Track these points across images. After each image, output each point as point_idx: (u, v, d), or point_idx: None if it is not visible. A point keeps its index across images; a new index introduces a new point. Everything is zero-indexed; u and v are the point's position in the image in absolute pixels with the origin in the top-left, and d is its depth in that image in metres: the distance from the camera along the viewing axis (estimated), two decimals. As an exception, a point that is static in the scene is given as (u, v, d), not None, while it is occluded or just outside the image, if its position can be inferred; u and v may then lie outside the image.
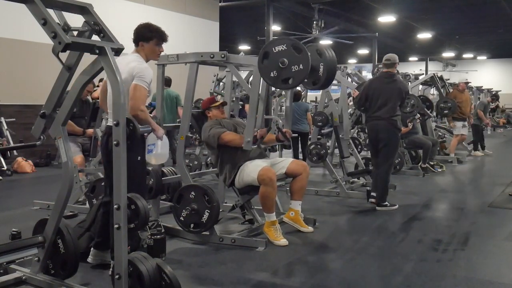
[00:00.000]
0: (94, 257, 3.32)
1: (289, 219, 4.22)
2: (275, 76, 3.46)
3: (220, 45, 13.49)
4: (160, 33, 3.31)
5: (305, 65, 3.38)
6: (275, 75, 3.46)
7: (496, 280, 3.21)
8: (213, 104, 4.35)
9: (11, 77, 8.61)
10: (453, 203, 5.78)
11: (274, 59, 3.46)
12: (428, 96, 10.53)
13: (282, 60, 3.41)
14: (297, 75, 3.40)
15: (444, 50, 25.15)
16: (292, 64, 3.40)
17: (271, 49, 3.47)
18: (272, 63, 3.47)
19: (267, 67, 3.50)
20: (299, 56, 3.40)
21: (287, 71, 3.42)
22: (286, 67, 3.41)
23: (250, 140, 3.85)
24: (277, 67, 3.43)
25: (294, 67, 3.40)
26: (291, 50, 3.42)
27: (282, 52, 3.43)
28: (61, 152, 2.71)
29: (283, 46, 3.44)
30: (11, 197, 6.16)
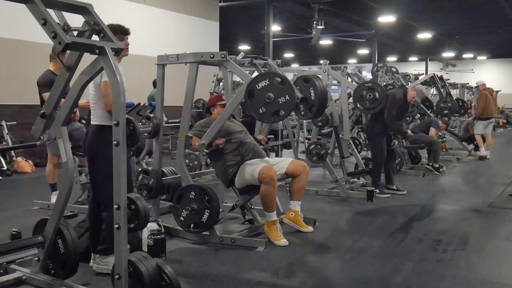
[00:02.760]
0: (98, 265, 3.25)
1: (289, 220, 4.23)
2: (264, 111, 3.51)
3: (220, 45, 13.49)
4: (120, 28, 3.34)
5: (290, 95, 3.43)
6: (264, 110, 3.51)
7: (496, 280, 3.21)
8: (219, 102, 4.38)
9: (11, 77, 8.61)
10: (453, 203, 5.78)
11: (259, 96, 3.51)
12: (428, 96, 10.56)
13: (268, 96, 3.46)
14: (285, 106, 3.45)
15: (444, 50, 25.16)
16: (278, 97, 3.44)
17: (254, 87, 3.53)
18: (258, 100, 3.52)
19: (255, 104, 3.54)
20: (283, 88, 3.45)
21: (275, 104, 3.47)
22: (273, 101, 3.46)
23: (204, 143, 3.96)
24: (264, 102, 3.48)
25: (281, 99, 3.44)
26: (274, 84, 3.47)
27: (266, 87, 3.48)
28: (61, 152, 2.71)
29: (266, 81, 3.49)
30: (11, 197, 6.16)
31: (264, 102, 3.48)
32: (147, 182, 4.18)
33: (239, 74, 3.97)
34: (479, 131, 9.96)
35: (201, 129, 4.20)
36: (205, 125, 4.18)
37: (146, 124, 4.36)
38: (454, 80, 16.25)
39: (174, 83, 8.74)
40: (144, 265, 2.47)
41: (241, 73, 3.92)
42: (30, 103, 8.58)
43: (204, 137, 3.96)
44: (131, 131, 3.10)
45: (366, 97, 5.82)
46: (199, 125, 4.31)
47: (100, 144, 3.17)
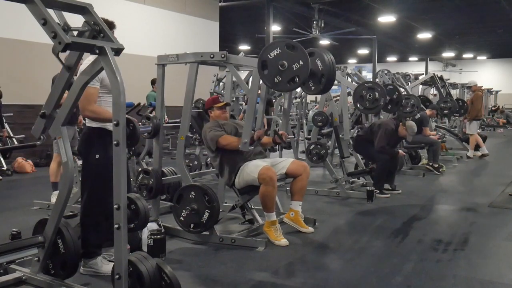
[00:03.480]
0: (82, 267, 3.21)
1: (289, 220, 4.23)
2: (279, 80, 3.46)
3: (220, 45, 13.50)
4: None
5: (304, 60, 3.38)
6: (279, 79, 3.46)
7: (496, 280, 3.21)
8: (216, 104, 4.35)
9: (11, 77, 8.61)
10: (453, 203, 5.78)
11: (273, 65, 3.47)
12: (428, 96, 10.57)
13: (282, 63, 3.42)
14: (301, 72, 3.40)
15: (444, 50, 25.17)
16: (292, 63, 3.40)
17: (267, 56, 3.49)
18: (272, 69, 3.48)
19: (269, 74, 3.51)
20: (296, 54, 3.41)
21: (289, 71, 3.42)
22: (287, 68, 3.41)
23: (247, 142, 3.85)
24: (279, 71, 3.44)
25: (295, 66, 3.40)
26: (286, 51, 3.43)
27: (279, 56, 3.45)
28: (61, 152, 2.71)
29: (277, 49, 3.45)
30: (11, 197, 6.16)
31: (278, 70, 3.43)
32: (147, 182, 4.18)
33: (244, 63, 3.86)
34: (475, 131, 9.93)
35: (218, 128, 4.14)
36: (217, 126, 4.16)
37: (146, 124, 4.36)
38: (454, 80, 16.27)
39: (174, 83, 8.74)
40: (144, 265, 2.47)
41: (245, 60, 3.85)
42: (30, 103, 8.60)
43: (244, 136, 3.88)
44: (131, 131, 3.10)
45: (366, 97, 5.82)
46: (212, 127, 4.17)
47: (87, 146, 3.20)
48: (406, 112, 7.62)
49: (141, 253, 2.57)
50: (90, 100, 3.11)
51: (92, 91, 3.10)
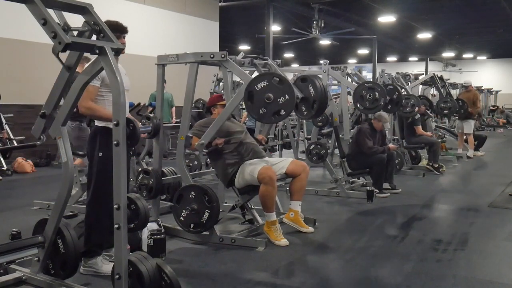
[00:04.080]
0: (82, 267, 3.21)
1: (289, 220, 4.22)
2: (264, 112, 3.51)
3: (220, 45, 13.49)
4: (115, 26, 3.27)
5: (290, 94, 3.43)
6: (264, 111, 3.51)
7: (496, 280, 3.21)
8: (220, 102, 4.37)
9: (11, 77, 8.61)
10: (453, 203, 5.78)
11: (259, 97, 3.50)
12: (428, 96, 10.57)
13: (268, 96, 3.46)
14: (285, 106, 3.45)
15: (444, 50, 25.15)
16: (278, 97, 3.44)
17: (253, 88, 3.52)
18: (258, 101, 3.51)
19: (255, 105, 3.54)
20: (282, 88, 3.45)
21: (275, 104, 3.46)
22: (272, 101, 3.46)
23: (204, 143, 3.96)
24: (264, 103, 3.48)
25: (281, 99, 3.44)
26: (273, 84, 3.47)
27: (265, 88, 3.48)
28: (61, 152, 2.71)
29: (264, 82, 3.49)
30: (11, 197, 6.16)
31: (264, 102, 3.48)
32: (147, 182, 4.18)
33: (239, 74, 3.97)
34: (471, 131, 9.93)
35: (200, 128, 4.20)
36: (205, 125, 4.18)
37: (146, 124, 4.36)
38: (454, 80, 16.27)
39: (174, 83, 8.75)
40: (144, 265, 2.47)
41: (240, 73, 3.92)
42: (30, 103, 8.60)
43: (204, 136, 3.96)
44: (131, 131, 3.10)
45: (366, 97, 5.83)
46: (198, 125, 4.30)
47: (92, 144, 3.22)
48: (406, 112, 7.64)
49: (141, 253, 2.57)
50: (86, 97, 3.12)
51: (90, 88, 3.11)
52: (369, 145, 5.96)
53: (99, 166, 3.14)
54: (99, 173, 3.14)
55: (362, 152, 6.00)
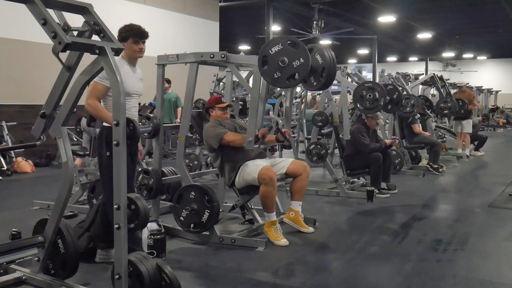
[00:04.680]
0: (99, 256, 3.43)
1: (289, 220, 4.22)
2: (279, 76, 3.47)
3: (220, 45, 13.49)
4: (135, 31, 3.35)
5: (305, 57, 3.39)
6: (279, 75, 3.47)
7: (496, 280, 3.21)
8: (219, 105, 4.35)
9: (11, 77, 8.61)
10: (453, 203, 5.78)
11: (273, 61, 3.47)
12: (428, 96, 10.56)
13: (282, 59, 3.42)
14: (300, 69, 3.41)
15: (444, 50, 25.14)
16: (292, 60, 3.41)
17: (268, 52, 3.49)
18: (272, 65, 3.48)
19: (269, 70, 3.51)
20: (297, 51, 3.41)
21: (290, 68, 3.42)
22: (287, 65, 3.42)
23: (252, 140, 3.85)
24: (279, 67, 3.44)
25: (295, 63, 3.41)
26: (288, 47, 3.44)
27: (280, 52, 3.45)
28: (61, 152, 2.71)
29: (279, 45, 3.46)
30: (11, 197, 6.16)
31: (278, 66, 3.44)
32: (147, 182, 4.17)
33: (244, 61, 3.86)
34: (470, 130, 9.97)
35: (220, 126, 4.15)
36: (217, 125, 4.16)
37: (146, 124, 4.36)
38: (454, 80, 16.26)
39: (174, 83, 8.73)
40: (144, 265, 2.47)
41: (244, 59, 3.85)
42: (30, 103, 8.60)
43: (248, 134, 3.88)
44: (131, 131, 3.10)
45: (366, 97, 5.82)
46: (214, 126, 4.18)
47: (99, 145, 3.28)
48: (406, 112, 7.63)
49: (141, 253, 2.57)
50: (93, 94, 3.22)
51: (98, 86, 3.20)
52: (366, 143, 5.96)
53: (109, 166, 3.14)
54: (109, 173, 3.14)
55: (359, 152, 6.00)
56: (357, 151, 6.03)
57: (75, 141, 7.94)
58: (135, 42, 3.35)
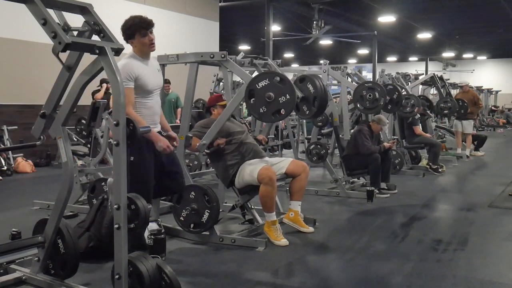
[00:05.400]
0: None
1: (289, 220, 4.22)
2: (264, 111, 3.53)
3: (220, 45, 13.49)
4: (139, 23, 3.25)
5: (291, 94, 3.44)
6: (264, 110, 3.53)
7: (496, 280, 3.21)
8: (219, 103, 4.36)
9: (11, 77, 8.61)
10: (453, 203, 5.78)
11: (260, 96, 3.52)
12: (428, 96, 10.57)
13: (268, 95, 3.48)
14: (286, 105, 3.47)
15: (444, 50, 25.14)
16: (278, 96, 3.46)
17: (254, 87, 3.54)
18: (259, 99, 3.53)
19: (255, 104, 3.56)
20: (284, 87, 3.47)
21: (275, 103, 3.48)
22: (273, 100, 3.47)
23: (205, 143, 3.96)
24: (265, 102, 3.50)
25: (281, 99, 3.46)
26: (274, 83, 3.48)
27: (266, 87, 3.50)
28: (61, 152, 2.71)
29: (266, 81, 3.51)
30: (11, 197, 6.16)
31: (264, 101, 3.49)
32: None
33: (239, 74, 3.98)
34: (471, 130, 9.98)
35: (201, 129, 4.19)
36: (205, 125, 4.18)
37: (146, 124, 4.35)
38: (454, 80, 16.26)
39: (174, 83, 8.73)
40: (144, 265, 2.47)
41: (241, 72, 3.93)
42: (30, 103, 8.60)
43: (205, 137, 3.96)
44: (131, 131, 3.10)
45: (366, 97, 5.83)
46: (199, 126, 4.29)
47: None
48: (406, 112, 7.63)
49: (141, 253, 2.57)
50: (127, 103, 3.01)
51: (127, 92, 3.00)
52: (368, 146, 5.96)
53: (131, 170, 3.12)
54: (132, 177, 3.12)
55: (358, 152, 6.01)
56: (357, 151, 6.03)
57: (75, 141, 7.93)
58: (143, 35, 3.24)
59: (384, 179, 6.06)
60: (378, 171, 5.92)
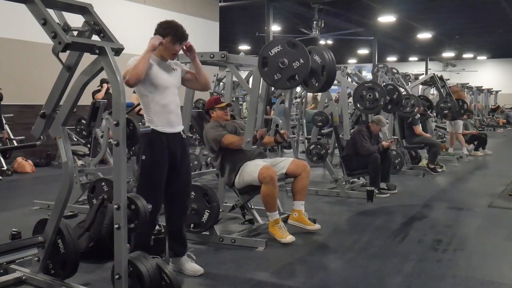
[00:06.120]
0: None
1: (294, 220, 4.19)
2: (279, 78, 3.47)
3: (220, 45, 13.49)
4: (176, 30, 3.13)
5: (304, 58, 3.39)
6: (279, 77, 3.47)
7: (496, 280, 3.21)
8: (218, 105, 4.34)
9: (11, 77, 8.61)
10: (453, 203, 5.78)
11: (273, 62, 3.47)
12: (428, 96, 10.56)
13: (282, 60, 3.42)
14: (300, 70, 3.41)
15: (444, 50, 25.15)
16: (292, 61, 3.41)
17: (267, 53, 3.49)
18: (272, 66, 3.48)
19: (269, 71, 3.51)
20: (297, 52, 3.42)
21: (289, 69, 3.42)
22: (287, 66, 3.42)
23: (250, 141, 3.85)
24: (279, 68, 3.44)
25: (295, 64, 3.40)
26: (287, 48, 3.44)
27: (279, 53, 3.45)
28: (61, 152, 2.71)
29: (278, 47, 3.46)
30: (11, 197, 6.16)
31: (278, 68, 3.44)
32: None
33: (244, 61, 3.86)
34: (460, 130, 9.99)
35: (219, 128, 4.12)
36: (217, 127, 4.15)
37: (146, 124, 4.34)
38: (454, 80, 16.27)
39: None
40: (144, 265, 2.47)
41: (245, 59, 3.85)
42: (30, 103, 8.60)
43: (247, 134, 3.88)
44: (131, 131, 3.10)
45: (366, 97, 5.83)
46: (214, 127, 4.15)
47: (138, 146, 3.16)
48: (406, 112, 7.63)
49: (141, 253, 2.57)
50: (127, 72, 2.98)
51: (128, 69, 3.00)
52: (367, 146, 5.96)
53: (142, 169, 3.14)
54: (141, 176, 3.14)
55: (359, 153, 6.01)
56: (356, 152, 6.03)
57: (75, 141, 7.93)
58: (172, 42, 3.12)
59: (384, 179, 6.06)
60: (378, 171, 5.92)
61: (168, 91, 3.16)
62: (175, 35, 3.13)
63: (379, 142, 6.39)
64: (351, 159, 6.10)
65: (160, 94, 3.12)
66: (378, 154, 5.94)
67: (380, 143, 6.25)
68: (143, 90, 3.10)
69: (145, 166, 3.12)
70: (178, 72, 3.28)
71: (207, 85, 3.41)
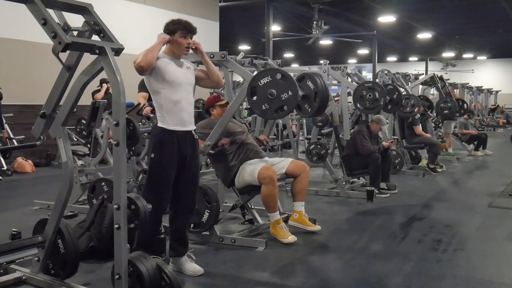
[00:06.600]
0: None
1: (294, 221, 4.20)
2: (267, 108, 3.51)
3: (220, 45, 13.50)
4: (184, 24, 3.15)
5: (293, 90, 3.44)
6: (267, 107, 3.51)
7: (496, 280, 3.21)
8: (218, 103, 4.35)
9: (11, 77, 8.61)
10: (453, 203, 5.78)
11: (262, 92, 3.51)
12: (428, 96, 10.57)
13: (270, 92, 3.46)
14: (288, 102, 3.46)
15: (444, 50, 25.16)
16: (281, 92, 3.45)
17: (256, 84, 3.53)
18: (261, 97, 3.52)
19: (258, 101, 3.55)
20: (286, 84, 3.46)
21: (278, 100, 3.46)
22: (275, 97, 3.46)
23: (210, 144, 3.90)
24: (267, 99, 3.48)
25: (284, 95, 3.44)
26: (276, 79, 3.48)
27: (268, 84, 3.48)
28: (61, 152, 2.71)
29: (268, 78, 3.49)
30: (11, 197, 6.16)
31: (266, 98, 3.48)
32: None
33: (240, 73, 3.97)
34: (451, 131, 10.00)
35: (202, 130, 4.15)
36: (206, 126, 4.15)
37: (146, 124, 4.36)
38: (454, 80, 16.26)
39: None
40: (144, 265, 2.47)
41: (242, 71, 3.92)
42: (30, 103, 8.60)
43: (209, 138, 3.91)
44: (131, 131, 3.10)
45: (366, 97, 5.83)
46: (200, 127, 4.24)
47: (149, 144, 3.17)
48: (406, 112, 7.64)
49: (141, 253, 2.57)
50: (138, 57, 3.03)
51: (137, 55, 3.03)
52: (367, 146, 5.97)
53: (150, 167, 3.16)
54: (150, 174, 3.17)
55: (359, 153, 6.01)
56: (356, 152, 6.04)
57: (75, 141, 7.93)
58: (183, 36, 3.12)
59: (384, 179, 6.06)
60: (378, 171, 5.92)
61: (181, 88, 3.14)
62: (185, 28, 3.15)
63: (379, 142, 6.39)
64: (351, 159, 6.11)
65: (173, 91, 3.10)
66: (378, 154, 5.95)
67: (381, 143, 6.26)
68: (155, 86, 3.09)
69: (153, 164, 3.13)
70: (191, 70, 3.29)
71: (219, 82, 3.45)
